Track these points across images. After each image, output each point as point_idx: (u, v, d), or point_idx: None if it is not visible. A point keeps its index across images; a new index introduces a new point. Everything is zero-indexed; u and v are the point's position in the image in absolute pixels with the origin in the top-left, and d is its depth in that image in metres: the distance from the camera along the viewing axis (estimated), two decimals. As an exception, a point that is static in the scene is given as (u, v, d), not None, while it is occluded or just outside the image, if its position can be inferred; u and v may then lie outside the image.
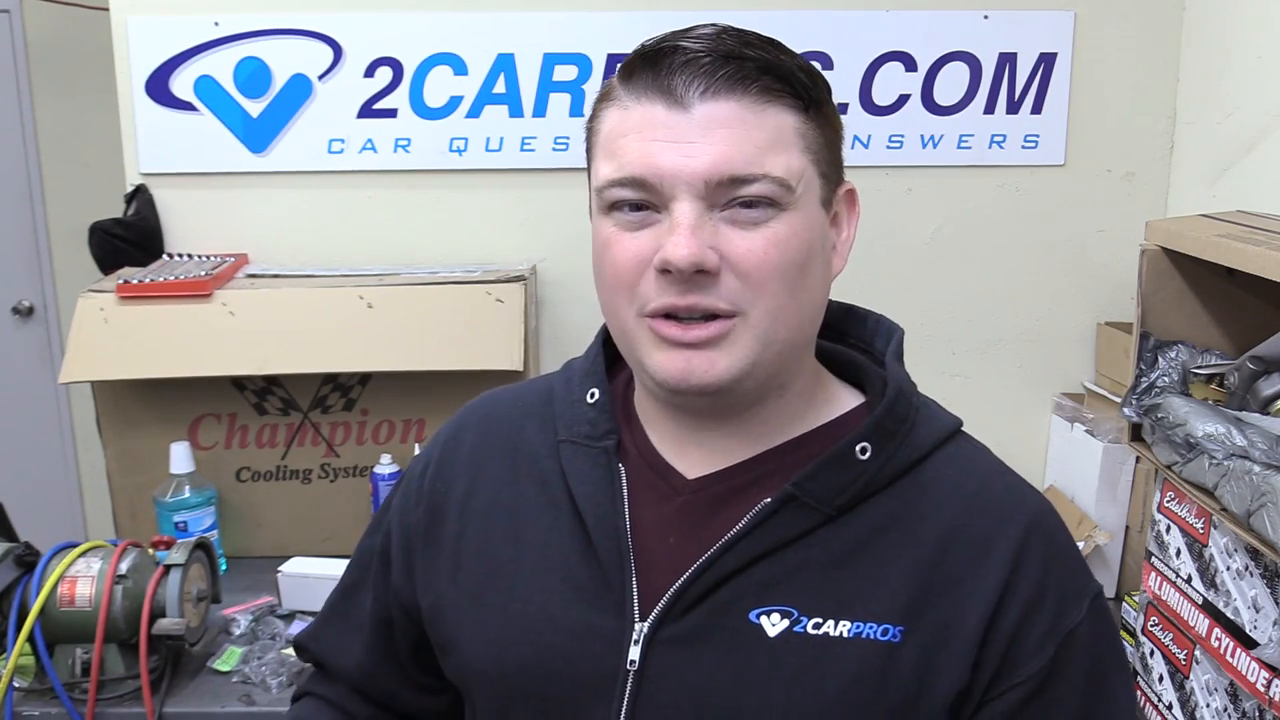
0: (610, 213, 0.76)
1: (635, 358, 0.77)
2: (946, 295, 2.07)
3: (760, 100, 0.73)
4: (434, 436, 0.94)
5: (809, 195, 0.75)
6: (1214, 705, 1.36)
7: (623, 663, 0.77)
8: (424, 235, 2.05)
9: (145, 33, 1.97)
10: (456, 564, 0.86)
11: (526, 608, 0.81)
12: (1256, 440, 1.26)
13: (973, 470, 0.80)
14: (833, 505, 0.76)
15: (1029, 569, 0.75)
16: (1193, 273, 1.49)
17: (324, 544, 1.88)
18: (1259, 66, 1.74)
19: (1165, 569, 1.49)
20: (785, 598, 0.75)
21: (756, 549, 0.76)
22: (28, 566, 1.44)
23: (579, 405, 0.85)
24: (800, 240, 0.74)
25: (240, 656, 1.53)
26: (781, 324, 0.74)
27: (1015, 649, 0.74)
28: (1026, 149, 2.02)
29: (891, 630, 0.74)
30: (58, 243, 3.37)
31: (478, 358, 1.75)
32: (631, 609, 0.77)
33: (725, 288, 0.72)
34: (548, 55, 1.98)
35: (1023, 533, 0.76)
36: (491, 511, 0.85)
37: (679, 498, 0.80)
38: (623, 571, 0.78)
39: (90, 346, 1.75)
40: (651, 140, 0.73)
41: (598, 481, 0.81)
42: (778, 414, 0.80)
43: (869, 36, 1.98)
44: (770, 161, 0.72)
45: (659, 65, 0.74)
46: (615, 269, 0.75)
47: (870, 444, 0.77)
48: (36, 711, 1.43)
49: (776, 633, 0.74)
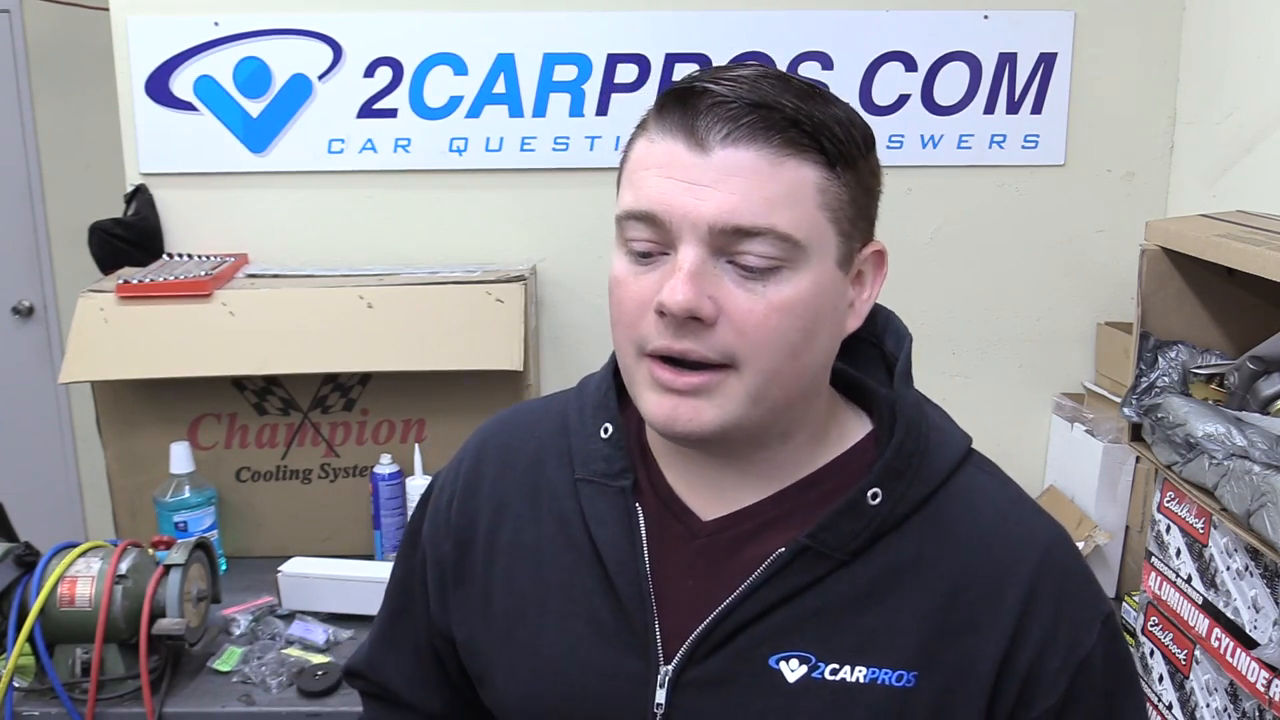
0: (625, 248, 0.76)
1: (634, 394, 0.78)
2: (946, 295, 2.07)
3: (781, 152, 0.71)
4: (457, 460, 0.94)
5: (822, 255, 0.73)
6: (1214, 705, 1.36)
7: (650, 705, 0.78)
8: (424, 235, 2.05)
9: (145, 33, 1.97)
10: (487, 599, 0.87)
11: (554, 650, 0.82)
12: (1256, 440, 1.26)
13: (984, 505, 0.80)
14: (846, 551, 0.76)
15: (1042, 608, 0.76)
16: (1193, 273, 1.49)
17: (324, 544, 1.88)
18: (1259, 66, 1.74)
19: (1165, 569, 1.49)
20: (803, 644, 0.76)
21: (773, 597, 0.77)
22: (28, 566, 1.44)
23: (593, 440, 0.85)
24: (806, 305, 0.72)
25: (240, 656, 1.53)
26: (777, 385, 0.74)
27: (1031, 685, 0.76)
28: (1026, 149, 2.02)
29: (906, 676, 0.75)
30: (58, 243, 3.37)
31: (478, 358, 1.75)
32: (656, 652, 0.79)
33: (720, 339, 0.72)
34: (548, 55, 1.98)
35: (1034, 572, 0.77)
36: (515, 549, 0.86)
37: (696, 540, 0.80)
38: (645, 614, 0.79)
39: (90, 346, 1.75)
40: (668, 178, 0.72)
41: (617, 524, 0.81)
42: (784, 457, 0.80)
43: (869, 36, 1.98)
44: (779, 216, 0.70)
45: (688, 104, 0.72)
46: (620, 308, 0.76)
47: (881, 489, 0.77)
48: (36, 711, 1.43)
49: (796, 679, 0.76)
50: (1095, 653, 0.77)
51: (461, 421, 1.84)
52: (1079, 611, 0.78)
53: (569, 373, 2.08)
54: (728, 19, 1.96)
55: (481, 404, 1.83)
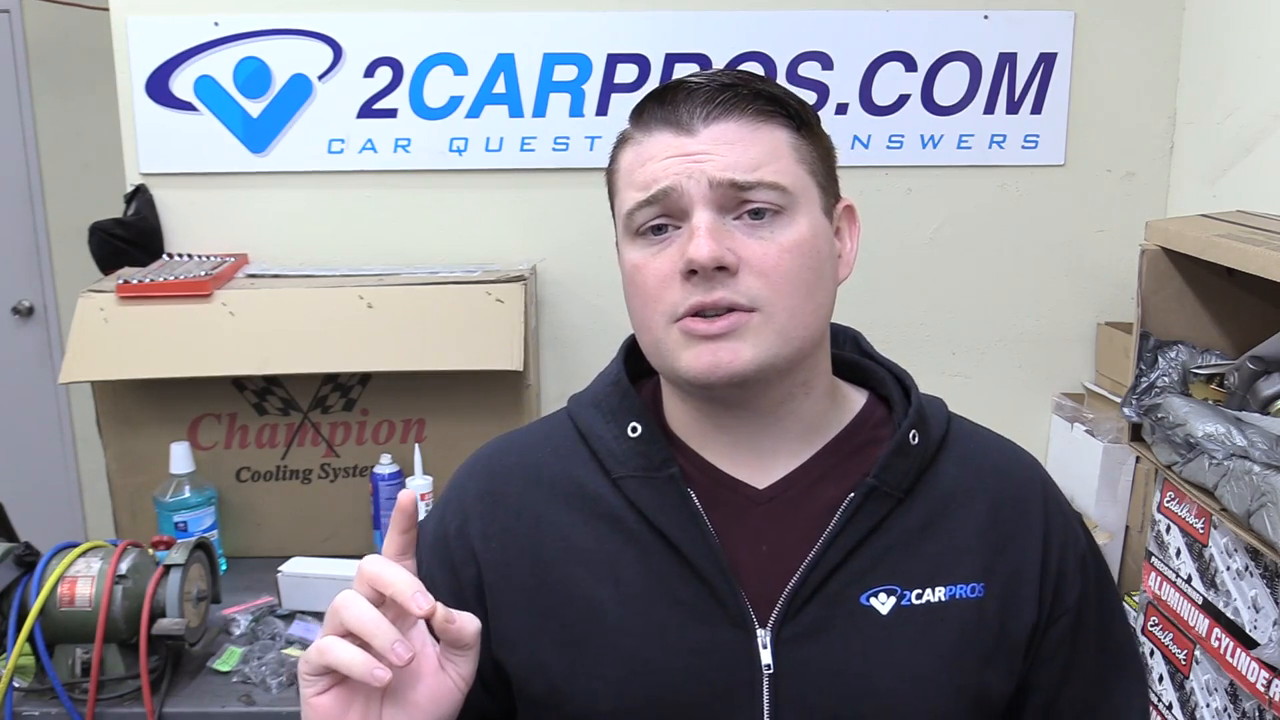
0: (636, 239, 0.83)
1: (668, 365, 0.82)
2: (947, 295, 2.07)
3: (756, 119, 0.82)
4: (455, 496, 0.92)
5: (809, 202, 0.83)
6: (1214, 705, 1.36)
7: (758, 668, 0.82)
8: (424, 235, 2.05)
9: (145, 33, 1.97)
10: (546, 614, 0.86)
11: (645, 641, 0.83)
12: (1256, 440, 1.26)
13: (985, 441, 0.92)
14: (901, 489, 0.85)
15: (1053, 517, 0.89)
16: (1193, 273, 1.49)
17: (324, 544, 1.88)
18: (1259, 66, 1.74)
19: (1165, 569, 1.49)
20: (887, 578, 0.84)
21: (852, 539, 0.83)
22: (28, 566, 1.44)
23: (622, 441, 0.87)
24: (808, 245, 0.81)
25: (240, 656, 1.53)
26: (799, 322, 0.81)
27: (1061, 582, 0.88)
28: (1026, 149, 2.02)
29: (977, 587, 0.84)
30: (58, 243, 3.37)
31: (478, 358, 1.75)
32: (750, 618, 0.82)
33: (745, 284, 0.79)
34: (548, 55, 1.98)
35: (1041, 489, 0.90)
36: (568, 558, 0.86)
37: (757, 508, 0.86)
38: (729, 584, 0.82)
39: (90, 346, 1.75)
40: (666, 160, 0.81)
41: (676, 509, 0.84)
42: (811, 413, 0.87)
43: (869, 36, 1.98)
44: (766, 170, 0.80)
45: (665, 100, 0.83)
46: (645, 286, 0.82)
47: (918, 431, 0.86)
48: (36, 711, 1.43)
49: (888, 610, 0.83)
50: (1088, 548, 0.91)
51: (461, 421, 1.84)
52: (1072, 516, 0.92)
53: (569, 373, 2.08)
54: (728, 19, 1.96)
55: (481, 404, 1.83)
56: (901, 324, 2.07)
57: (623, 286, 0.86)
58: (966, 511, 0.86)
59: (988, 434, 0.93)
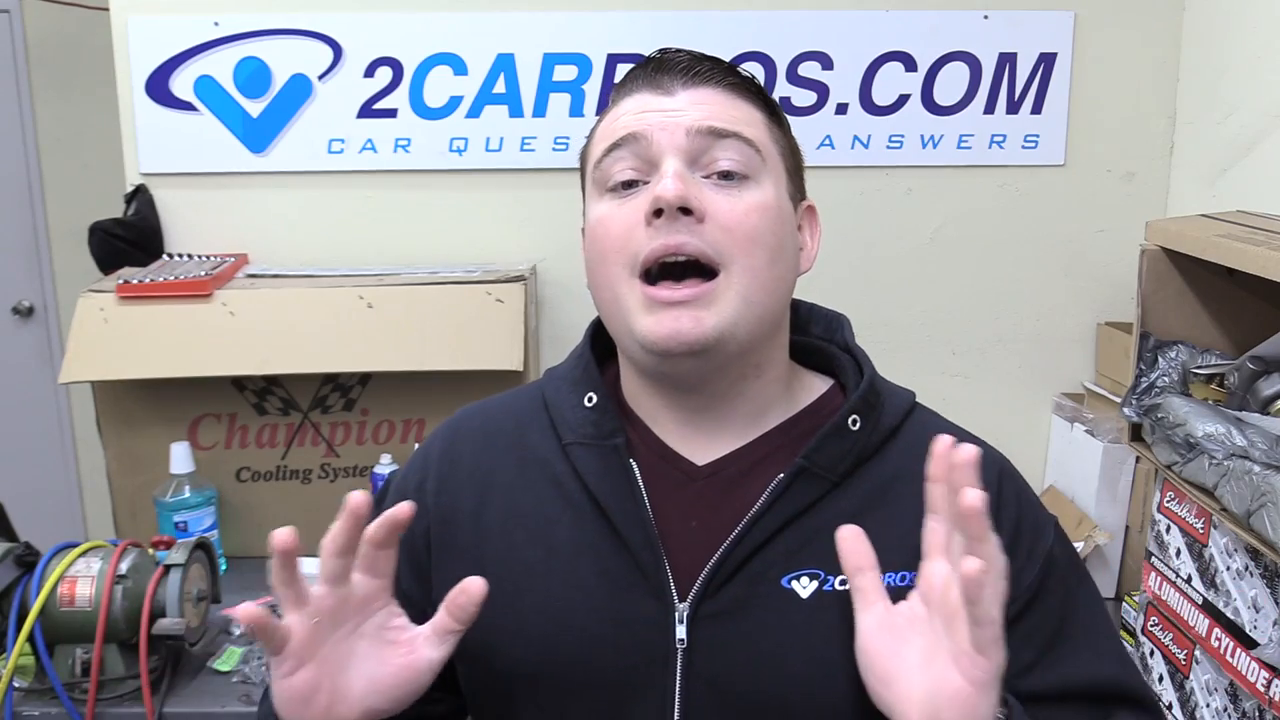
0: (605, 195, 0.86)
1: (625, 326, 0.84)
2: (947, 295, 2.07)
3: (733, 92, 0.85)
4: (422, 453, 0.96)
5: (778, 178, 0.85)
6: (1214, 705, 1.36)
7: (671, 642, 0.82)
8: (424, 235, 2.05)
9: (145, 33, 1.97)
10: (480, 570, 0.86)
11: (568, 605, 0.85)
12: (1256, 440, 1.26)
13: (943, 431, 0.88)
14: (836, 473, 0.84)
15: (1006, 506, 0.85)
16: (1193, 273, 1.49)
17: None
18: (1259, 67, 1.74)
19: (1165, 569, 1.49)
20: (811, 562, 0.83)
21: (778, 520, 0.83)
22: (28, 566, 1.44)
23: (578, 409, 0.90)
24: (775, 210, 0.83)
25: (240, 656, 1.53)
26: (759, 287, 0.81)
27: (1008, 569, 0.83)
28: (1026, 149, 2.02)
29: (907, 576, 0.81)
30: (58, 243, 3.38)
31: (478, 358, 1.75)
32: (670, 591, 0.83)
33: (710, 234, 0.80)
34: (548, 55, 1.98)
35: (996, 478, 0.86)
36: (510, 519, 0.89)
37: (694, 484, 0.86)
38: (655, 556, 0.83)
39: (90, 346, 1.75)
40: (640, 114, 0.84)
41: (615, 478, 0.85)
42: (761, 396, 0.87)
43: (869, 36, 1.98)
44: (742, 127, 0.83)
45: (647, 67, 0.86)
46: (608, 235, 0.84)
47: (859, 416, 0.86)
48: (36, 711, 1.43)
49: (809, 594, 0.82)
50: (1055, 550, 0.87)
51: (461, 421, 1.84)
52: (1035, 514, 0.88)
53: (569, 373, 2.08)
54: (728, 19, 1.96)
55: (481, 404, 1.83)
56: (901, 324, 2.07)
57: (583, 252, 0.88)
58: (903, 499, 0.84)
59: (954, 427, 0.91)
